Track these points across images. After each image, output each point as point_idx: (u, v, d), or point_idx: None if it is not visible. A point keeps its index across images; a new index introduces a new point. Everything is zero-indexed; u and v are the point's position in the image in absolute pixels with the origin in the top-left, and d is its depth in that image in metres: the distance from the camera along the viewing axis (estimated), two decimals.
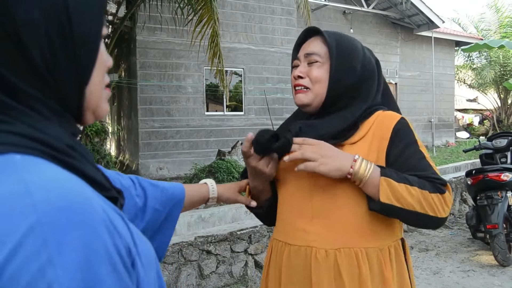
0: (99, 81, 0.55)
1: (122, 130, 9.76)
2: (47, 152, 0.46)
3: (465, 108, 22.32)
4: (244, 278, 3.54)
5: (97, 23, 0.53)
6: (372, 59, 1.21)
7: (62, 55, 0.49)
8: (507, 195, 4.09)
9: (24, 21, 0.46)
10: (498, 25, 15.53)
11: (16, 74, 0.47)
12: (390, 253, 1.10)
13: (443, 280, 3.68)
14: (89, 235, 0.40)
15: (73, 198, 0.41)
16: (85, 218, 0.41)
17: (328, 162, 1.04)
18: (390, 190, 1.01)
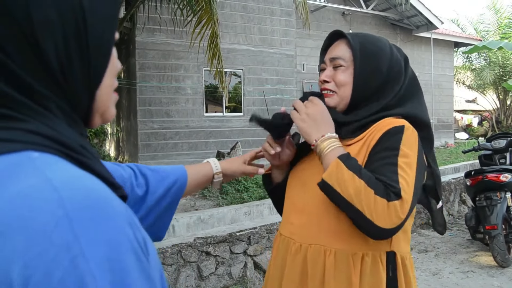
0: (110, 85, 0.56)
1: (121, 131, 9.75)
2: (62, 150, 0.47)
3: (464, 109, 22.35)
4: (243, 279, 3.54)
5: (111, 27, 0.53)
6: (401, 58, 1.20)
7: (76, 58, 0.49)
8: (506, 196, 4.09)
9: (42, 22, 0.46)
10: (497, 26, 15.55)
11: (31, 74, 0.47)
12: (364, 261, 1.05)
13: (443, 281, 3.68)
14: (114, 228, 0.42)
15: (96, 194, 0.43)
16: (109, 212, 0.42)
17: (307, 122, 1.10)
18: (336, 172, 1.00)
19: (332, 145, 1.06)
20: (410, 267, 1.13)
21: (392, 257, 1.08)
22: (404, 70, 1.20)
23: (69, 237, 0.39)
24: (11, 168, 0.43)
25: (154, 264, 0.51)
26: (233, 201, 5.25)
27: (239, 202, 5.18)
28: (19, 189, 0.41)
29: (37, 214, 0.39)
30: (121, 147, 9.91)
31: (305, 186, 1.16)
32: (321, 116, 1.10)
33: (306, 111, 1.11)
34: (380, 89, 1.16)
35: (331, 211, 1.08)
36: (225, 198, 5.40)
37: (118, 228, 0.42)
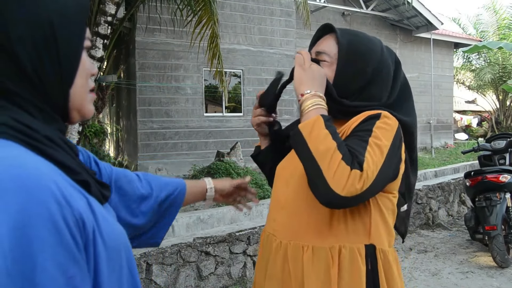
0: (82, 85, 0.66)
1: (121, 131, 9.75)
2: (19, 137, 0.56)
3: (464, 110, 22.38)
4: (242, 279, 3.54)
5: (79, 37, 0.64)
6: (391, 63, 1.17)
7: (48, 63, 0.60)
8: (505, 197, 4.09)
9: (16, 36, 0.58)
10: (497, 26, 15.57)
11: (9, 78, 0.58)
12: (342, 254, 1.03)
13: (442, 282, 3.68)
14: (31, 201, 0.49)
15: (15, 169, 0.51)
16: (31, 186, 0.50)
17: (307, 73, 1.07)
18: (312, 125, 0.98)
19: (318, 104, 1.04)
20: (394, 262, 1.11)
21: (372, 250, 1.05)
22: (394, 75, 1.17)
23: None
24: None
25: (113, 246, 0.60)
26: None
27: None
28: None
29: None
30: (120, 146, 9.90)
31: (287, 183, 1.15)
32: (321, 77, 1.08)
33: (310, 65, 1.09)
34: (363, 90, 1.12)
35: (309, 207, 1.07)
36: None
37: (36, 201, 0.49)
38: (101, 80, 6.54)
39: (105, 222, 0.60)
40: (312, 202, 1.03)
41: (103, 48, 4.72)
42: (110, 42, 6.66)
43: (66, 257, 0.50)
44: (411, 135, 1.16)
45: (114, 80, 7.13)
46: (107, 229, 0.60)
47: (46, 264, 0.48)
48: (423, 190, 5.48)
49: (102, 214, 0.61)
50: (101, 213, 0.61)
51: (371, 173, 0.94)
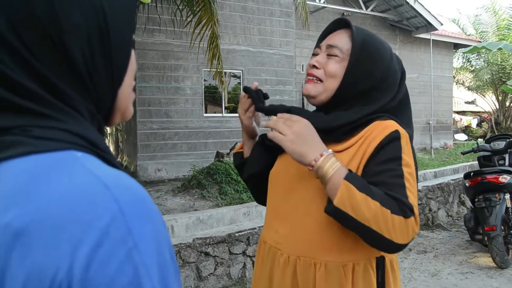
0: (130, 84, 0.59)
1: (120, 131, 9.75)
2: (95, 151, 0.49)
3: (463, 110, 22.38)
4: (242, 280, 3.54)
5: (130, 28, 0.56)
6: (398, 71, 1.13)
7: (100, 59, 0.52)
8: (505, 197, 4.09)
9: (68, 27, 0.48)
10: (496, 27, 15.58)
11: (60, 77, 0.49)
12: (355, 271, 1.02)
13: (441, 282, 3.68)
14: (158, 225, 0.45)
15: (140, 192, 0.46)
16: (152, 210, 0.45)
17: (296, 142, 0.97)
18: (347, 196, 0.92)
19: (335, 165, 0.96)
20: (397, 268, 1.11)
21: (382, 262, 1.05)
22: (399, 83, 1.14)
23: (124, 231, 0.41)
24: (59, 165, 0.45)
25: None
26: (232, 202, 5.25)
27: (238, 202, 5.18)
28: (72, 184, 0.43)
29: (92, 208, 0.41)
30: (120, 147, 9.90)
31: (289, 193, 1.09)
32: (309, 132, 0.99)
33: (292, 131, 0.98)
34: (367, 94, 1.08)
35: (318, 222, 1.03)
36: (224, 198, 5.40)
37: (160, 225, 0.45)
38: None
39: None
40: (324, 220, 1.02)
41: None
42: None
43: (178, 282, 0.47)
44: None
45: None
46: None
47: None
48: (423, 190, 5.48)
49: None
50: None
51: (416, 208, 0.96)
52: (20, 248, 0.39)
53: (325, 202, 1.00)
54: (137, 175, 7.81)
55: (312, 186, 1.04)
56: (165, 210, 4.98)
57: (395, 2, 11.26)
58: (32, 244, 0.39)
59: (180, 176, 7.65)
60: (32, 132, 0.46)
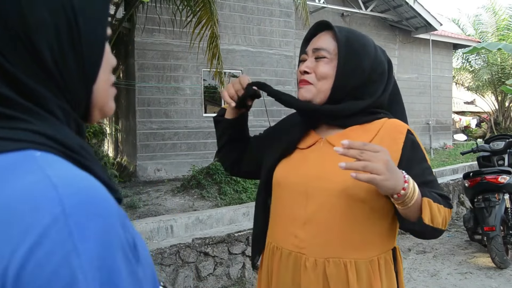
0: (106, 80, 0.58)
1: (120, 131, 9.74)
2: (63, 151, 0.48)
3: (463, 111, 22.40)
4: (241, 280, 3.54)
5: (102, 24, 0.55)
6: (384, 61, 1.15)
7: (70, 55, 0.51)
8: (504, 198, 4.09)
9: (35, 23, 0.47)
10: (496, 27, 15.59)
11: (30, 76, 0.48)
12: (380, 265, 1.06)
13: (441, 282, 3.68)
14: (107, 227, 0.43)
15: (93, 193, 0.44)
16: (104, 211, 0.44)
17: (390, 178, 0.90)
18: (430, 212, 0.98)
19: (415, 186, 0.96)
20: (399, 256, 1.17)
21: (395, 253, 1.13)
22: (387, 73, 1.16)
23: (64, 233, 0.40)
24: (14, 166, 0.44)
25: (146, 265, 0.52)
26: (232, 202, 5.25)
27: (238, 202, 5.18)
28: (20, 185, 0.42)
29: (35, 209, 0.40)
30: (119, 147, 9.90)
31: (306, 197, 1.08)
32: (388, 157, 0.92)
33: (384, 167, 0.90)
34: (361, 88, 1.11)
35: (342, 222, 1.04)
36: (224, 198, 5.40)
37: (110, 227, 0.43)
38: None
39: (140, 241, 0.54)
40: (349, 220, 1.04)
41: None
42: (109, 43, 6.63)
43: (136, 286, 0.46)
44: None
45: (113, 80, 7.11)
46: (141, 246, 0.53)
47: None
48: None
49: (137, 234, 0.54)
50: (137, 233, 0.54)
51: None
52: None
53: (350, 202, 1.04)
54: (136, 175, 7.81)
55: (333, 187, 1.04)
56: (165, 210, 4.98)
57: (395, 2, 11.26)
58: None
59: (180, 176, 7.64)
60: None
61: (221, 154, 1.36)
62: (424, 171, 1.06)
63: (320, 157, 1.11)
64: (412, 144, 1.07)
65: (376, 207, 1.05)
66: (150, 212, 4.86)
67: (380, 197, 1.04)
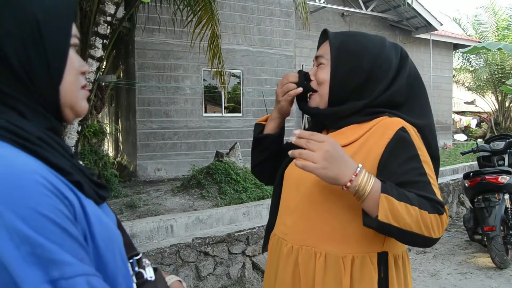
0: (72, 82, 0.66)
1: (120, 131, 9.74)
2: (12, 139, 0.57)
3: (463, 111, 22.39)
4: (241, 279, 3.54)
5: (65, 34, 0.65)
6: (394, 57, 1.14)
7: (36, 61, 0.60)
8: (504, 198, 4.09)
9: (3, 35, 0.58)
10: (496, 27, 15.59)
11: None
12: (354, 263, 1.03)
13: (441, 283, 3.69)
14: (27, 193, 0.52)
15: (12, 167, 0.53)
16: (22, 182, 0.52)
17: (328, 167, 0.93)
18: (390, 209, 0.93)
19: (370, 180, 0.95)
20: (403, 266, 1.10)
21: (385, 258, 1.06)
22: (397, 69, 1.14)
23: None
24: None
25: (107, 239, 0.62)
26: (232, 202, 5.25)
27: (238, 202, 5.18)
28: None
29: None
30: (119, 147, 9.90)
31: (298, 186, 1.13)
32: (337, 151, 0.95)
33: (322, 156, 0.93)
34: (363, 87, 1.12)
35: (323, 213, 1.06)
36: (224, 198, 5.40)
37: (27, 192, 0.52)
38: (100, 80, 6.53)
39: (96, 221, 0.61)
40: (329, 210, 1.05)
41: (103, 48, 4.71)
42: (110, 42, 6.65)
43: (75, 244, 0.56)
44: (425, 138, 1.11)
45: (113, 80, 7.11)
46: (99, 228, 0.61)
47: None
48: None
49: (95, 213, 0.62)
50: (94, 212, 0.62)
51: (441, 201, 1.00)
52: None
53: (326, 193, 1.05)
54: (136, 175, 7.81)
55: (311, 178, 1.05)
56: (165, 210, 4.98)
57: (395, 2, 11.26)
58: None
59: (180, 176, 7.64)
60: None
61: (259, 169, 1.37)
62: (410, 171, 1.00)
63: None
64: (400, 141, 1.02)
65: (356, 203, 1.01)
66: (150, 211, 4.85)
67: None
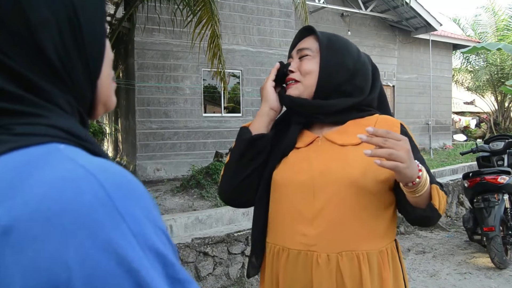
0: (108, 74, 0.59)
1: (119, 131, 9.74)
2: (79, 143, 0.49)
3: (463, 111, 22.40)
4: (241, 280, 3.54)
5: (101, 20, 0.57)
6: (368, 64, 1.21)
7: (74, 52, 0.52)
8: (503, 198, 4.10)
9: (38, 22, 0.49)
10: (495, 27, 15.60)
11: (36, 73, 0.49)
12: (388, 255, 1.10)
13: (440, 283, 3.69)
14: (148, 206, 0.44)
15: (128, 176, 0.45)
16: (140, 193, 0.45)
17: (410, 166, 0.94)
18: (439, 198, 1.03)
19: (427, 174, 1.01)
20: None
21: (396, 243, 1.17)
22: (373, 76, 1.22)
23: (117, 217, 0.40)
24: (43, 157, 0.44)
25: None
26: None
27: None
28: (57, 175, 0.42)
29: (79, 196, 0.40)
30: (119, 147, 9.90)
31: (312, 194, 1.08)
32: (409, 146, 0.96)
33: (406, 154, 0.93)
34: (346, 85, 1.15)
35: (352, 215, 1.06)
36: None
37: (150, 206, 0.45)
38: None
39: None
40: (361, 210, 1.07)
41: None
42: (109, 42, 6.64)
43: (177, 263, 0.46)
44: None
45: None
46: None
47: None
48: None
49: None
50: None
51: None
52: (11, 246, 0.37)
53: (358, 194, 1.06)
54: (136, 175, 7.81)
55: (341, 181, 1.06)
56: (164, 210, 4.98)
57: (395, 3, 11.26)
58: (23, 240, 0.37)
59: (179, 176, 7.64)
60: (13, 130, 0.46)
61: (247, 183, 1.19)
62: (420, 161, 1.07)
63: (322, 154, 1.13)
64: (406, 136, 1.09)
65: (382, 198, 1.09)
66: None
67: (385, 188, 1.08)
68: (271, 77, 1.25)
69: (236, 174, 1.18)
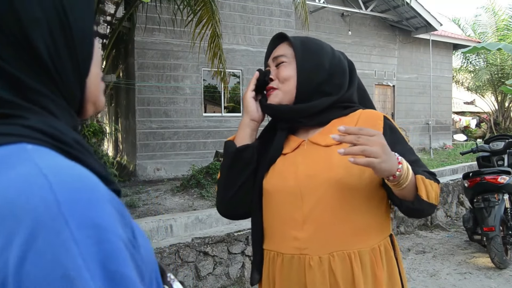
0: (97, 73, 0.59)
1: (119, 131, 9.75)
2: (56, 144, 0.48)
3: (463, 111, 22.40)
4: (241, 279, 3.54)
5: (90, 19, 0.57)
6: (344, 60, 1.22)
7: (64, 51, 0.52)
8: (504, 198, 4.09)
9: (29, 21, 0.49)
10: (496, 27, 15.60)
11: (26, 72, 0.50)
12: (381, 252, 1.09)
13: (440, 283, 3.69)
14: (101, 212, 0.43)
15: (84, 180, 0.44)
16: (96, 197, 0.44)
17: (386, 160, 0.93)
18: (425, 188, 1.01)
19: (408, 166, 0.99)
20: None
21: (392, 238, 1.15)
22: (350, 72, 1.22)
23: (60, 221, 0.39)
24: (5, 158, 0.45)
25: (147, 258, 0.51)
26: None
27: None
28: (10, 176, 0.42)
29: (27, 199, 0.40)
30: (119, 146, 9.90)
31: (300, 198, 1.09)
32: (383, 140, 0.95)
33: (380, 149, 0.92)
34: (325, 84, 1.16)
35: (341, 214, 1.06)
36: None
37: (105, 212, 0.43)
38: None
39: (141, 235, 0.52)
40: (349, 209, 1.07)
41: (102, 48, 4.72)
42: (109, 42, 6.66)
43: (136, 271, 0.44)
44: None
45: (113, 79, 7.12)
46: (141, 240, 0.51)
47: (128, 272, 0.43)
48: None
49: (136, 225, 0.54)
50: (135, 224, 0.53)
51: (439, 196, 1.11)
52: None
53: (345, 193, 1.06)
54: (136, 175, 7.81)
55: (326, 182, 1.07)
56: (164, 210, 4.98)
57: (395, 2, 11.26)
58: None
59: (179, 176, 7.65)
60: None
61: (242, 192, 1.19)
62: (408, 151, 1.09)
63: (307, 158, 1.14)
64: (390, 128, 1.12)
65: (372, 194, 1.08)
66: (150, 211, 4.86)
67: (373, 184, 1.07)
68: (251, 87, 1.22)
69: (228, 188, 1.19)
